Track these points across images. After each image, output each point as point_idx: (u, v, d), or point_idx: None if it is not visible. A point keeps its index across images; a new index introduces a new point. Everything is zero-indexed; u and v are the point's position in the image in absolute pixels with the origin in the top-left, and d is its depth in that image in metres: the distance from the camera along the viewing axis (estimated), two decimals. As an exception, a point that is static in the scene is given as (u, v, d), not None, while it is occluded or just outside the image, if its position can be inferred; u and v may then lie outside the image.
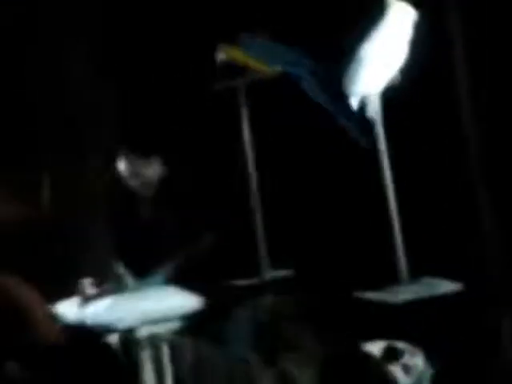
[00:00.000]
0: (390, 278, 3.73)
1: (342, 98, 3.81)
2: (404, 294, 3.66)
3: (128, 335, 3.53)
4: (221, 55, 4.37)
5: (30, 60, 4.88)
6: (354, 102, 3.74)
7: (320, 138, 4.31)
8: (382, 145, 3.78)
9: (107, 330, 3.50)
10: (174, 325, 3.62)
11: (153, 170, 4.07)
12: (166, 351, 3.60)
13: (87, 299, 3.62)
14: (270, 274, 4.40)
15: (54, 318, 3.45)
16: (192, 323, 3.63)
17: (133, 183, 4.07)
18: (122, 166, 4.09)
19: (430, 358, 3.56)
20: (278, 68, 4.21)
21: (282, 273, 4.34)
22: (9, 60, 4.82)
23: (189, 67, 4.62)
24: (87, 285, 3.67)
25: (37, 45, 4.89)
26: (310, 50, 4.05)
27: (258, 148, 4.59)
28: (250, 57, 4.30)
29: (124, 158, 4.08)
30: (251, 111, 4.54)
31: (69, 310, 3.67)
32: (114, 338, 3.53)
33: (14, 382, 3.14)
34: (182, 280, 3.70)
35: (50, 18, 4.89)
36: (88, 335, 3.47)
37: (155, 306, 3.58)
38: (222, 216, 3.99)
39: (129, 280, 3.68)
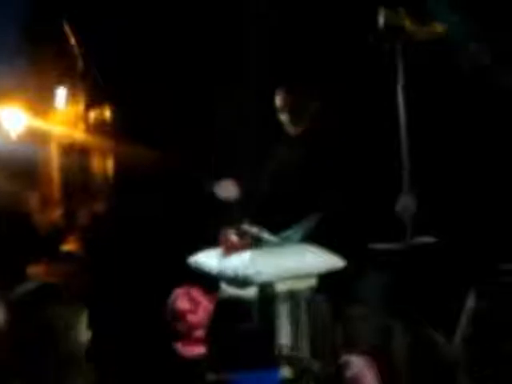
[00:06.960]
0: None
1: None
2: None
3: (266, 289, 3.54)
4: (381, 19, 4.33)
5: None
6: None
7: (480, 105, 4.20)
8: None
9: (246, 282, 3.52)
10: (312, 282, 3.62)
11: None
12: (303, 307, 3.61)
13: (229, 250, 3.65)
14: (414, 240, 4.31)
15: None
16: (330, 281, 3.61)
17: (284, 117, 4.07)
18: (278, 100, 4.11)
19: None
20: (441, 28, 4.15)
21: (425, 239, 4.24)
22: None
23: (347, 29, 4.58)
24: (230, 236, 3.70)
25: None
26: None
27: (411, 112, 4.49)
28: (408, 18, 4.23)
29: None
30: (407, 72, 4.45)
31: (210, 260, 3.74)
32: (252, 291, 3.55)
33: None
34: (323, 238, 3.68)
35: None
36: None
37: (294, 262, 3.60)
38: (367, 178, 3.93)
39: (269, 235, 3.69)
